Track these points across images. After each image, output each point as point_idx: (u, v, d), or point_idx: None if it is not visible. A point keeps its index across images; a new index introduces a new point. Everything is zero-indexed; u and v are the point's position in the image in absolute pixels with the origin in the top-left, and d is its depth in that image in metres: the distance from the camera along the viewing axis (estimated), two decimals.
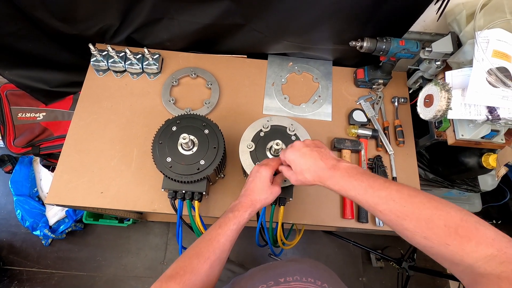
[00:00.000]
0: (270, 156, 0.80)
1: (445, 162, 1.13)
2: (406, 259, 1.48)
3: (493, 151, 1.06)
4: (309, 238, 1.81)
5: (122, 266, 1.73)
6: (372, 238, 1.82)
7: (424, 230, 0.45)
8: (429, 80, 1.02)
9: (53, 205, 0.93)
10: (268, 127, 0.82)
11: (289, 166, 0.65)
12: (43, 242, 1.72)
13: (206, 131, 0.82)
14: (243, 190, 0.69)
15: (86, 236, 1.78)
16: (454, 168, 1.10)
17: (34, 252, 1.74)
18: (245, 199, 0.66)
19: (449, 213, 0.44)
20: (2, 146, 1.67)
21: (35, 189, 1.71)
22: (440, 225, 0.44)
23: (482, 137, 0.85)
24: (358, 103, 1.08)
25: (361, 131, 1.01)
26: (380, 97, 1.08)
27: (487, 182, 1.27)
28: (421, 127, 1.07)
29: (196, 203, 0.82)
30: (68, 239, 1.74)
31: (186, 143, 0.76)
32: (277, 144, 0.76)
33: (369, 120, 1.04)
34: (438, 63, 0.93)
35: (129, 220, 1.65)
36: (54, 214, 1.64)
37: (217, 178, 0.94)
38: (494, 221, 1.74)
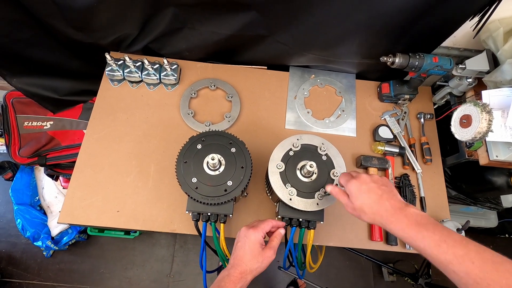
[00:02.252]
0: (301, 177, 0.76)
1: (470, 180, 1.10)
2: (422, 275, 1.45)
3: None
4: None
5: (126, 279, 1.67)
6: (383, 251, 1.78)
7: None
8: (458, 97, 0.99)
9: (66, 224, 0.87)
10: (298, 146, 0.78)
11: (345, 192, 0.62)
12: (44, 253, 1.65)
13: (233, 150, 0.77)
14: (232, 258, 0.63)
15: (89, 247, 1.71)
16: (480, 186, 1.07)
17: (34, 264, 1.67)
18: (234, 271, 0.60)
19: None
20: (2, 152, 1.61)
21: (37, 197, 1.64)
22: None
23: None
24: (382, 118, 1.05)
25: (387, 148, 0.97)
26: (405, 112, 1.05)
27: (508, 199, 1.25)
28: (444, 143, 1.04)
29: (221, 225, 0.78)
30: (71, 250, 1.68)
31: (214, 163, 0.72)
32: (310, 166, 0.72)
33: (395, 136, 1.01)
34: (470, 80, 0.90)
35: (135, 232, 1.59)
36: (56, 225, 1.58)
37: (241, 197, 0.89)
38: (507, 235, 1.72)
